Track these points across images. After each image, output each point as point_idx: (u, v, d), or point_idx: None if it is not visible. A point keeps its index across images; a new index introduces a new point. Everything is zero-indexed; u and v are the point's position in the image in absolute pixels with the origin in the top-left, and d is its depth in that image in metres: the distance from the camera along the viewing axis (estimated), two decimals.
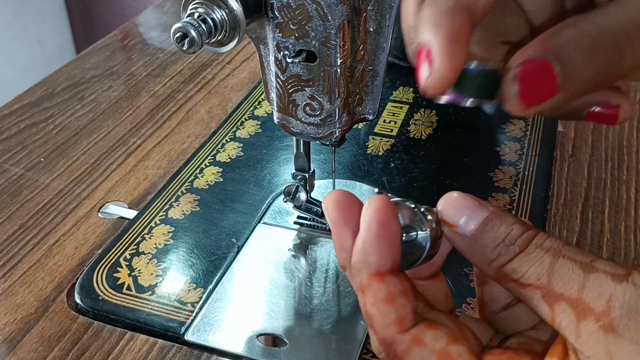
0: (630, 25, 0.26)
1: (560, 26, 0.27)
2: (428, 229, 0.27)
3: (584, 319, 0.23)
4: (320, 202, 0.47)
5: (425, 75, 0.25)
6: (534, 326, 0.29)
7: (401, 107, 0.63)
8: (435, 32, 0.25)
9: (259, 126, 0.61)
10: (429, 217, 0.27)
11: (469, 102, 0.28)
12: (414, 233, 0.27)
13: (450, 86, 0.25)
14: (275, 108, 0.38)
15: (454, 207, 0.27)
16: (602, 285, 0.24)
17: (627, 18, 0.26)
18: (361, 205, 0.27)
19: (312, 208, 0.47)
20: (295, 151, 0.44)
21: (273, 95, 0.38)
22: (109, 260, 0.46)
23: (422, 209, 0.27)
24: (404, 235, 0.27)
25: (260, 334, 0.40)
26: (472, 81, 0.27)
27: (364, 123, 0.60)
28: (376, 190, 0.28)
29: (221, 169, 0.55)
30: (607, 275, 0.24)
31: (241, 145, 0.58)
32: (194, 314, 0.41)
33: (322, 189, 0.51)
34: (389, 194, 0.28)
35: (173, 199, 0.51)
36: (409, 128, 0.60)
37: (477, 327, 0.30)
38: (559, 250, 0.25)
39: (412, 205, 0.27)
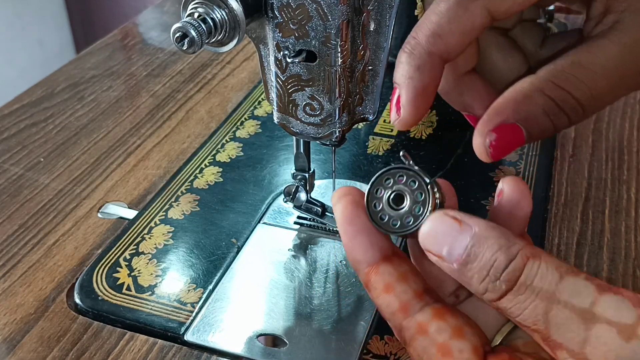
0: (600, 84, 0.28)
1: (530, 89, 0.29)
2: (424, 210, 0.27)
3: None
4: (320, 202, 0.47)
5: (394, 118, 0.30)
6: None
7: None
8: (407, 85, 0.29)
9: (259, 126, 0.61)
10: (429, 196, 0.27)
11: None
12: (410, 208, 0.27)
13: (413, 126, 0.30)
14: (275, 108, 0.38)
15: (434, 237, 0.26)
16: (607, 342, 0.22)
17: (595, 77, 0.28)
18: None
19: (312, 208, 0.47)
20: (295, 151, 0.44)
21: (273, 95, 0.38)
22: (108, 260, 0.46)
23: (427, 183, 0.27)
24: (403, 209, 0.27)
25: (260, 334, 0.40)
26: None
27: (364, 123, 0.60)
28: (401, 153, 0.29)
29: (221, 169, 0.55)
30: (611, 328, 0.22)
31: (241, 145, 0.58)
32: (193, 314, 0.41)
33: (322, 189, 0.51)
34: (410, 162, 0.28)
35: (173, 199, 0.51)
36: None
37: (489, 312, 0.29)
38: (552, 294, 0.23)
39: (418, 180, 0.27)
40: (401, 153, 0.29)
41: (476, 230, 0.25)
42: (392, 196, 0.28)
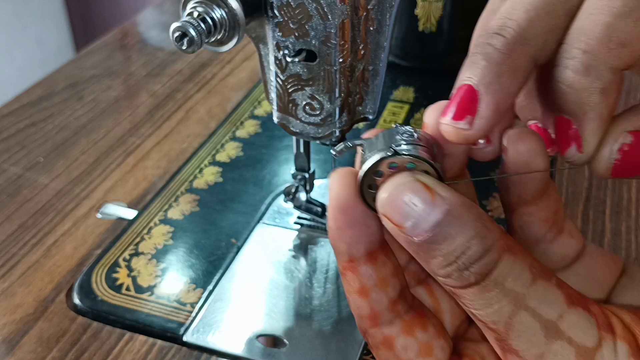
0: None
1: None
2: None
3: None
4: (320, 202, 0.47)
5: (463, 128, 0.23)
6: None
7: (401, 107, 0.63)
8: (493, 90, 0.22)
9: (258, 126, 0.61)
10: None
11: None
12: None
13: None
14: (275, 107, 0.38)
15: (398, 204, 0.21)
16: None
17: None
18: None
19: (312, 208, 0.47)
20: (295, 151, 0.44)
21: (273, 95, 0.38)
22: (108, 260, 0.45)
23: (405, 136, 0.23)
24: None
25: (260, 335, 0.40)
26: None
27: (364, 123, 0.60)
28: (394, 124, 0.25)
29: (221, 169, 0.55)
30: (571, 348, 0.20)
31: (241, 145, 0.58)
32: (193, 314, 0.41)
33: (322, 189, 0.51)
34: (400, 125, 0.25)
35: (172, 199, 0.51)
36: None
37: (605, 266, 0.27)
38: (522, 297, 0.21)
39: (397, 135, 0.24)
40: (394, 125, 0.26)
41: (448, 208, 0.21)
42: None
